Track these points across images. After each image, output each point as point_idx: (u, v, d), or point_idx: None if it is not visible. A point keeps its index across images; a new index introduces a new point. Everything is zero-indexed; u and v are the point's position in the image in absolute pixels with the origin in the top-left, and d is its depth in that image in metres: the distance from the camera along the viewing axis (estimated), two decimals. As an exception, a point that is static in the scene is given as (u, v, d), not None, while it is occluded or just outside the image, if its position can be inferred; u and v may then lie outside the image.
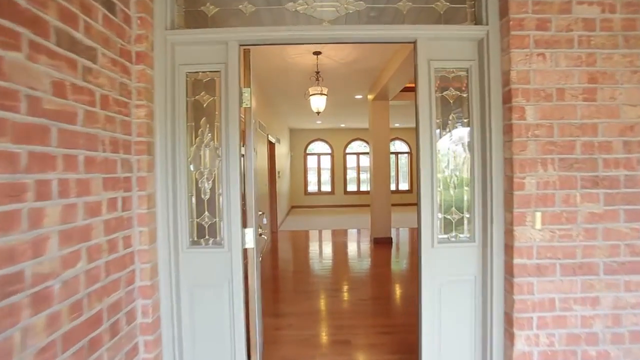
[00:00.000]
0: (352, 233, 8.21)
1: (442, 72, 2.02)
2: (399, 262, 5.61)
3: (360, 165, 13.68)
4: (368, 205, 7.79)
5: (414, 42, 1.99)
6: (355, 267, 5.33)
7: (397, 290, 4.28)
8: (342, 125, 12.58)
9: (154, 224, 1.86)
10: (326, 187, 13.72)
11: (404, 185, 13.70)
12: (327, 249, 6.68)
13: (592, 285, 1.79)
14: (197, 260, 1.98)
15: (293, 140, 13.26)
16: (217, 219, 2.01)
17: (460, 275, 2.00)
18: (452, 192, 2.04)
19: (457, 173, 2.04)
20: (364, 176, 13.64)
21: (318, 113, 5.39)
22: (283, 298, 4.09)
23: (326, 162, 13.69)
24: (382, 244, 6.71)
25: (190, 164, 2.01)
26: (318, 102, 5.23)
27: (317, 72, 5.20)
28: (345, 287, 4.38)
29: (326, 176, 13.73)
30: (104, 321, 1.47)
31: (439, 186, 2.01)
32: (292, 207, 13.11)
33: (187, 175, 1.99)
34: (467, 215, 2.03)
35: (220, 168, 1.99)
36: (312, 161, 13.69)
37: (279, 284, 4.63)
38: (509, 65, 1.81)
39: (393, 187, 12.22)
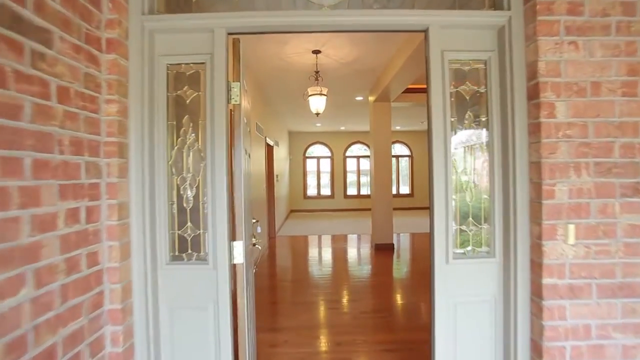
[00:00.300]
0: (353, 238, 7.96)
1: (457, 64, 1.79)
2: (401, 270, 5.36)
3: (361, 168, 13.45)
4: (368, 209, 7.56)
5: (425, 31, 1.76)
6: (356, 275, 5.08)
7: (401, 302, 4.03)
8: (342, 128, 12.37)
9: (127, 237, 1.62)
10: (326, 191, 13.47)
11: (404, 189, 13.47)
12: (327, 256, 6.43)
13: (634, 310, 1.55)
14: (178, 277, 1.74)
15: (292, 143, 13.04)
16: (202, 231, 1.76)
17: (478, 295, 1.75)
18: (468, 200, 1.80)
19: (475, 178, 1.80)
20: (364, 179, 13.41)
21: (317, 114, 5.16)
22: (280, 310, 3.84)
23: (326, 165, 13.46)
24: (383, 250, 6.47)
25: (171, 168, 1.77)
26: (317, 103, 5.00)
27: (317, 72, 4.98)
28: (346, 298, 4.13)
29: (326, 180, 13.50)
30: (57, 358, 1.22)
31: (455, 194, 1.77)
32: (291, 211, 12.87)
33: (167, 181, 1.75)
34: (486, 227, 1.79)
35: (205, 173, 1.75)
36: (311, 164, 13.45)
37: (276, 294, 4.37)
38: (535, 55, 1.58)
39: (394, 191, 11.99)
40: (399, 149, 13.19)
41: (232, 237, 1.77)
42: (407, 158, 13.46)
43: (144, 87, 1.68)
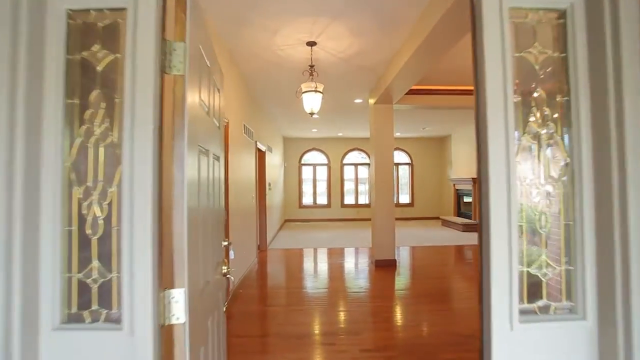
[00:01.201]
0: (350, 252, 7.29)
1: (520, 16, 1.16)
2: (407, 293, 4.68)
3: (359, 177, 12.84)
4: (366, 220, 6.92)
5: (473, -37, 1.14)
6: (356, 298, 4.39)
7: (410, 335, 3.34)
8: (340, 134, 11.78)
9: (-25, 290, 0.95)
10: (322, 200, 12.81)
11: (404, 198, 12.85)
12: (322, 274, 5.74)
13: None
14: (75, 350, 1.06)
15: (287, 149, 12.43)
16: (115, 274, 1.10)
17: (558, 379, 1.10)
18: (539, 227, 1.15)
19: (550, 193, 1.15)
20: (362, 188, 12.80)
21: (312, 114, 4.53)
22: (264, 346, 3.14)
23: (322, 173, 12.84)
24: (385, 267, 5.82)
25: (70, 174, 1.11)
26: (312, 101, 4.37)
27: (311, 66, 4.36)
28: (344, 330, 3.44)
29: (322, 188, 12.86)
30: None
31: (521, 218, 1.12)
32: (286, 220, 12.19)
33: (61, 193, 1.09)
34: (570, 268, 1.14)
35: (121, 181, 1.09)
36: (307, 172, 12.82)
37: (262, 323, 3.68)
38: (664, -10, 0.95)
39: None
40: (397, 156, 12.61)
41: (166, 282, 1.10)
42: (406, 166, 12.88)
43: (20, 41, 1.02)
